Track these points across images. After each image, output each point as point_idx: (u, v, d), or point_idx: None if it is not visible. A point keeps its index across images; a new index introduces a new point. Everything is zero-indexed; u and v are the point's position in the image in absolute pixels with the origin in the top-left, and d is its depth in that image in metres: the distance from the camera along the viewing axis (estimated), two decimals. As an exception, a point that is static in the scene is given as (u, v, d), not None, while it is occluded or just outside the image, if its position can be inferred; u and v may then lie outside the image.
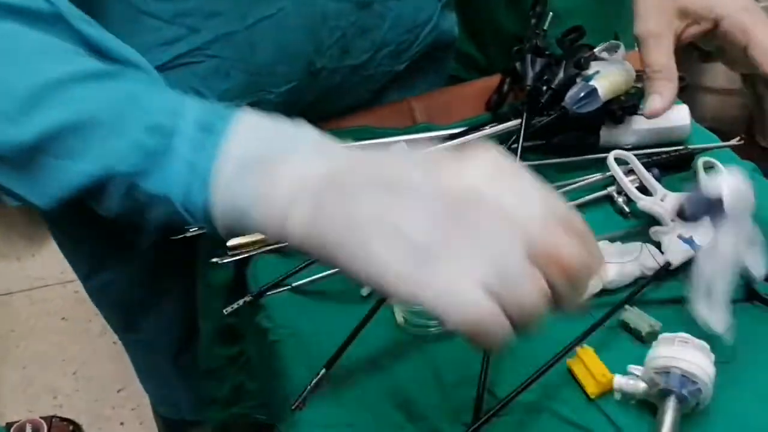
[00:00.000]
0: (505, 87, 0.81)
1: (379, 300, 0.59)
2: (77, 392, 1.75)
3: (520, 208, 0.36)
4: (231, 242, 0.65)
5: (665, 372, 0.50)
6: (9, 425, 1.62)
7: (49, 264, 2.08)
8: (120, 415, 1.70)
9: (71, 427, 1.67)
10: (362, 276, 0.37)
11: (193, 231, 0.66)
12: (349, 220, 0.36)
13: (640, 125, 0.75)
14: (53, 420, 1.65)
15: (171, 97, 0.42)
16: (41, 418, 1.64)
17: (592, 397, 0.55)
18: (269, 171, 0.38)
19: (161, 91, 0.43)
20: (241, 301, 0.61)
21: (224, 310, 0.61)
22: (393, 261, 0.35)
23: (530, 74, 0.73)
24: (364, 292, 0.64)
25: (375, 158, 0.39)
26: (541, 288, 0.36)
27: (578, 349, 0.57)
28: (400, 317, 0.62)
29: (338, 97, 0.79)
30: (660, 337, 0.54)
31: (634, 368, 0.53)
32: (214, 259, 0.65)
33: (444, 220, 0.35)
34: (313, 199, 0.37)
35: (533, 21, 0.79)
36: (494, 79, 0.84)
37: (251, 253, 0.65)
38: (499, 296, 0.35)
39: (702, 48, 0.71)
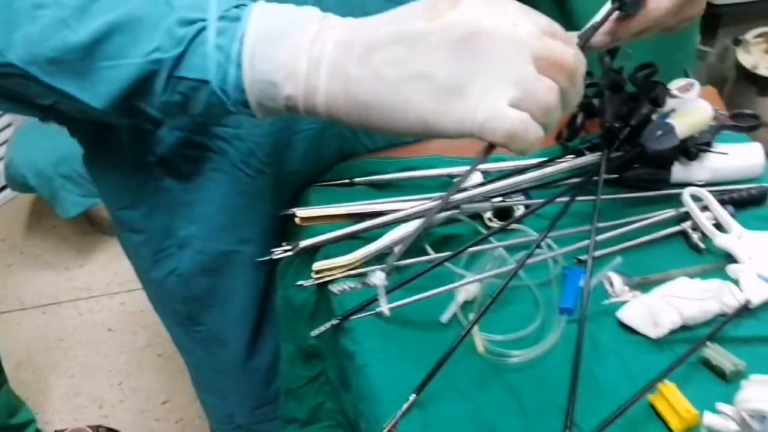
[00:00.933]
0: (578, 121, 0.82)
1: (464, 333, 0.60)
2: (122, 403, 1.78)
3: (517, 29, 0.42)
4: (316, 266, 0.67)
5: (761, 416, 0.50)
6: (57, 433, 1.65)
7: (96, 275, 2.12)
8: (164, 427, 1.73)
9: (116, 438, 1.70)
10: (401, 126, 0.44)
11: (279, 254, 0.68)
12: (375, 80, 0.43)
13: (713, 163, 0.76)
14: (99, 430, 1.69)
15: None
16: (88, 427, 1.68)
17: (676, 432, 0.56)
18: (287, 46, 0.44)
19: None
20: (328, 324, 0.63)
21: (311, 333, 0.63)
22: (430, 103, 0.42)
23: (609, 111, 0.74)
24: (444, 319, 0.66)
25: (374, 19, 0.44)
26: (552, 87, 0.43)
27: (660, 385, 0.58)
28: (480, 346, 0.63)
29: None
30: (752, 377, 0.54)
31: (723, 407, 0.54)
32: (300, 282, 0.67)
33: (459, 56, 0.42)
34: (332, 67, 0.44)
35: (607, 58, 0.80)
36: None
37: (335, 277, 0.67)
38: (525, 105, 0.42)
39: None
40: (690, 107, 0.73)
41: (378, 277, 0.51)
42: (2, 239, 2.27)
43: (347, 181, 0.79)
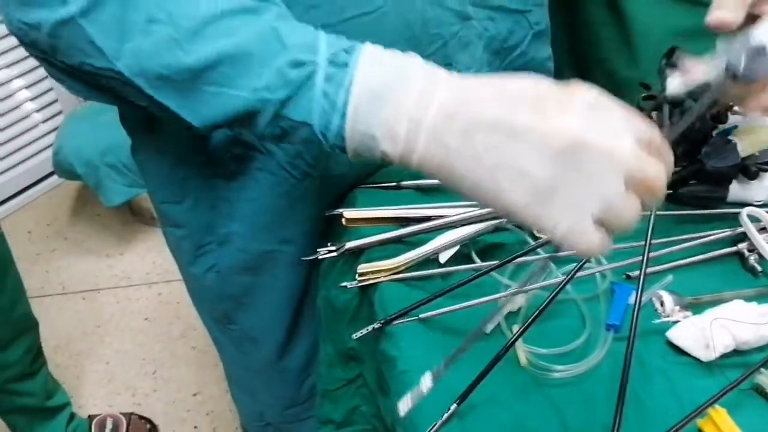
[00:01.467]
0: None
1: (508, 343, 0.59)
2: (155, 392, 1.80)
3: (615, 143, 0.42)
4: (360, 268, 0.66)
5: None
6: (91, 418, 1.68)
7: (136, 264, 2.15)
8: (194, 419, 1.74)
9: (148, 426, 1.72)
10: (490, 205, 0.45)
11: (324, 255, 0.68)
12: (473, 160, 0.43)
13: (773, 183, 0.74)
14: (132, 417, 1.71)
15: (306, 33, 0.47)
16: (121, 414, 1.70)
17: (726, 460, 0.54)
18: (391, 105, 0.44)
19: (297, 27, 0.48)
20: (370, 327, 0.62)
21: (353, 336, 0.63)
22: (520, 197, 0.43)
23: (666, 126, 0.72)
24: (488, 329, 0.65)
25: (479, 92, 0.44)
26: (637, 207, 0.43)
27: (710, 410, 0.56)
28: (524, 358, 0.62)
29: None
30: (810, 408, 0.52)
31: (777, 436, 0.51)
32: (344, 284, 0.67)
33: (557, 163, 0.42)
34: (432, 133, 0.44)
35: (667, 70, 0.78)
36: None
37: (379, 280, 0.67)
38: (607, 222, 0.43)
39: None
40: (753, 125, 0.71)
41: (425, 384, 0.53)
42: (47, 224, 2.32)
43: (394, 183, 0.78)
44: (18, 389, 1.45)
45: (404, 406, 0.52)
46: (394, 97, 0.44)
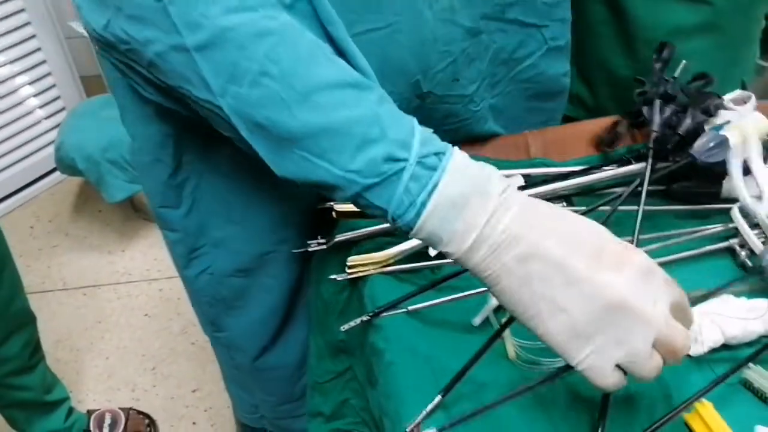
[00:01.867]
0: (620, 128, 0.80)
1: (495, 333, 0.59)
2: (154, 388, 1.80)
3: (654, 309, 0.46)
4: (350, 261, 0.66)
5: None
6: (90, 413, 1.68)
7: (137, 260, 2.16)
8: (193, 414, 1.74)
9: (147, 421, 1.72)
10: (528, 326, 0.48)
11: (315, 247, 0.68)
12: (523, 283, 0.47)
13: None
14: (130, 412, 1.71)
15: (403, 125, 0.49)
16: (120, 409, 1.70)
17: (712, 454, 0.54)
18: (464, 219, 0.47)
19: (397, 116, 0.50)
20: (359, 320, 0.62)
21: (341, 328, 0.63)
22: (555, 329, 0.47)
23: (657, 120, 0.72)
24: (476, 322, 0.65)
25: (545, 223, 0.48)
26: (659, 367, 0.48)
27: (697, 404, 0.56)
28: (512, 351, 0.62)
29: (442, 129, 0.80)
30: (796, 401, 0.52)
31: (762, 430, 0.51)
32: (333, 276, 0.67)
33: (598, 313, 0.46)
34: (493, 247, 0.47)
35: (658, 66, 0.78)
36: (608, 120, 0.84)
37: (368, 273, 0.67)
38: (629, 371, 0.47)
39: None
40: (745, 120, 0.70)
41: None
42: (49, 220, 2.33)
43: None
44: (16, 383, 1.45)
45: None
46: (470, 212, 0.47)
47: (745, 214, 0.69)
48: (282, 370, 0.94)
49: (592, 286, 0.46)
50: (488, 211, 0.47)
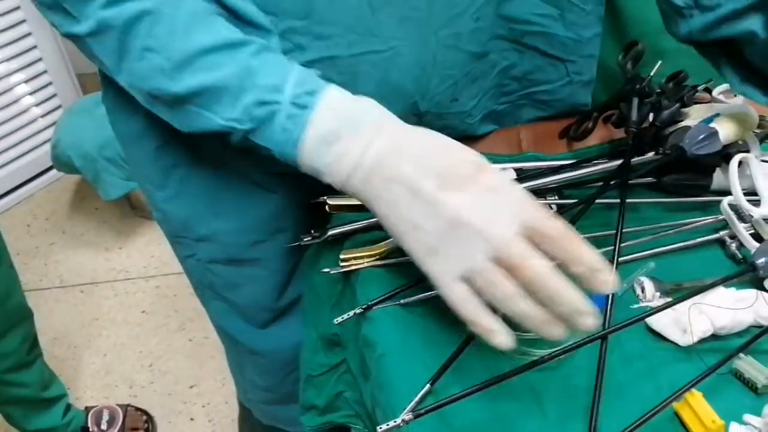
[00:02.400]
0: (591, 123, 0.80)
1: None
2: (152, 384, 1.81)
3: (492, 228, 0.49)
4: (343, 254, 0.67)
5: (789, 427, 0.49)
6: (87, 409, 1.69)
7: (134, 258, 2.16)
8: (191, 410, 1.75)
9: (144, 418, 1.73)
10: (401, 245, 0.53)
11: (308, 240, 0.69)
12: (392, 206, 0.52)
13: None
14: (128, 409, 1.72)
15: (278, 72, 0.55)
16: (117, 405, 1.71)
17: (701, 443, 0.54)
18: (338, 149, 0.53)
19: (271, 65, 0.56)
20: (351, 313, 0.63)
21: (334, 321, 0.63)
22: (417, 248, 0.52)
23: (635, 116, 0.72)
24: (469, 314, 0.65)
25: (407, 153, 0.52)
26: (512, 287, 0.49)
27: (686, 394, 0.56)
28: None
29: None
30: (783, 389, 0.52)
31: (751, 418, 0.52)
32: (326, 269, 0.67)
33: (443, 230, 0.50)
34: (364, 175, 0.53)
35: (629, 64, 0.78)
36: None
37: (361, 266, 0.67)
38: (479, 290, 0.50)
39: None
40: (735, 112, 0.71)
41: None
42: (46, 218, 2.33)
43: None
44: (14, 380, 1.46)
45: None
46: (341, 145, 0.53)
47: (735, 208, 0.70)
48: (271, 363, 0.95)
49: (436, 205, 0.50)
50: (360, 143, 0.53)
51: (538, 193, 0.74)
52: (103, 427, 1.67)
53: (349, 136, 0.53)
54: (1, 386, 1.46)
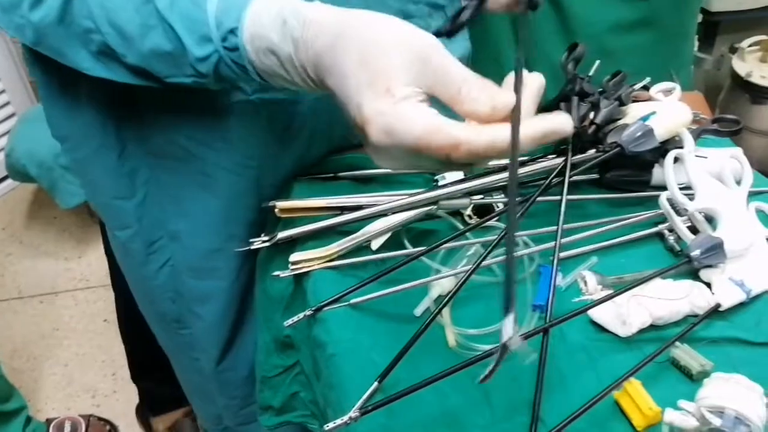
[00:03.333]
0: None
1: (431, 317, 0.61)
2: (115, 393, 1.79)
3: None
4: (293, 257, 0.68)
5: (719, 411, 0.51)
6: (49, 421, 1.66)
7: (94, 266, 2.14)
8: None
9: (108, 428, 1.71)
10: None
11: (258, 245, 0.69)
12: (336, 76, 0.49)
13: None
14: (91, 419, 1.70)
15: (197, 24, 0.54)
16: (80, 416, 1.69)
17: (639, 429, 0.56)
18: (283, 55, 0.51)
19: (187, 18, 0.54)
20: (301, 315, 0.64)
21: (285, 323, 0.64)
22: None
23: (575, 115, 0.74)
24: (417, 312, 0.67)
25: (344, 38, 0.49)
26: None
27: (625, 383, 0.58)
28: (452, 340, 0.64)
29: None
30: (714, 375, 0.55)
31: (684, 404, 0.54)
32: (276, 273, 0.68)
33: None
34: (311, 65, 0.50)
35: (570, 65, 0.80)
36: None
37: (312, 269, 0.68)
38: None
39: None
40: (669, 110, 0.73)
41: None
42: (2, 228, 2.29)
43: (331, 174, 0.80)
44: (-29, 394, 1.43)
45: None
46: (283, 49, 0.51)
47: (673, 202, 0.73)
48: (241, 371, 0.95)
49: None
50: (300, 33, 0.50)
51: (484, 192, 0.76)
52: (66, 438, 1.65)
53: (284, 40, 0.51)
54: (-42, 401, 1.44)
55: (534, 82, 0.51)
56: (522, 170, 0.75)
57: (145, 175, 0.78)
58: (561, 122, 0.48)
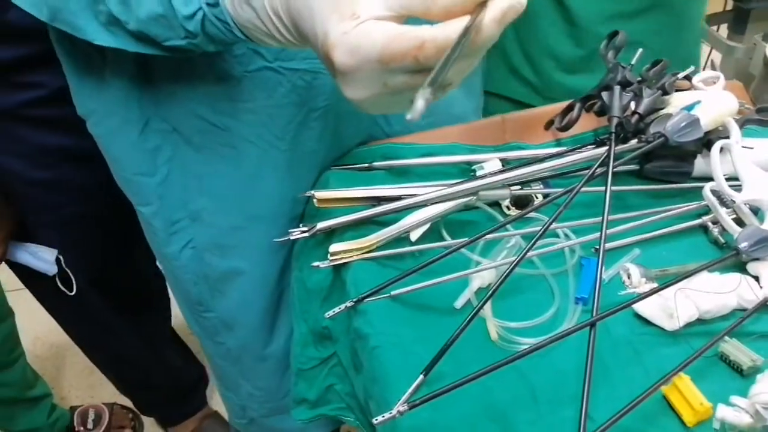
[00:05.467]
0: (574, 113, 0.81)
1: (474, 311, 0.60)
2: (137, 382, 1.79)
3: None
4: (332, 248, 0.67)
5: (775, 408, 0.50)
6: (72, 409, 1.67)
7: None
8: (177, 407, 1.73)
9: (131, 416, 1.72)
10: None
11: (297, 236, 0.69)
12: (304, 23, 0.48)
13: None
14: (114, 407, 1.70)
15: None
16: (103, 404, 1.69)
17: (689, 425, 0.55)
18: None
19: None
20: (342, 306, 0.63)
21: (326, 315, 0.63)
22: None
23: (617, 105, 0.73)
24: (458, 304, 0.66)
25: None
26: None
27: (674, 377, 0.57)
28: (494, 333, 0.63)
29: None
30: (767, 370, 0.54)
31: (737, 400, 0.53)
32: (315, 263, 0.67)
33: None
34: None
35: (610, 53, 0.79)
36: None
37: (351, 259, 0.67)
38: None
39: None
40: (715, 100, 0.72)
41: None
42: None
43: (366, 165, 0.79)
44: (-4, 380, 1.44)
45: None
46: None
47: (717, 194, 0.71)
48: (270, 362, 0.95)
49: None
50: None
51: (523, 183, 0.74)
52: (89, 426, 1.65)
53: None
54: (-16, 387, 1.45)
55: None
56: (562, 160, 0.74)
57: (168, 153, 0.78)
58: None
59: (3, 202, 1.10)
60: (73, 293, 1.24)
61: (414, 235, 0.70)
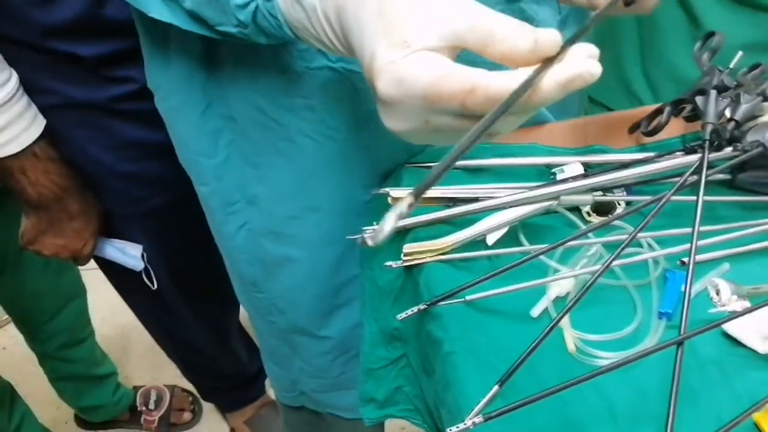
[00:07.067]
0: (663, 117, 0.77)
1: (553, 323, 0.57)
2: (198, 365, 1.83)
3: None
4: (406, 248, 0.66)
5: None
6: (136, 389, 1.72)
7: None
8: (235, 392, 1.76)
9: (191, 399, 1.76)
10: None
11: (369, 234, 0.68)
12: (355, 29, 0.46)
13: (839, 169, 0.70)
14: (175, 389, 1.75)
15: None
16: (165, 386, 1.74)
17: (782, 455, 0.52)
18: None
19: None
20: (416, 308, 0.62)
21: (398, 317, 0.62)
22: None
23: (713, 111, 0.69)
24: (535, 313, 0.64)
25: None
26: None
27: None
28: (571, 344, 0.61)
29: None
30: None
31: (839, 433, 0.49)
32: (389, 263, 0.66)
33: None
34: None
35: (705, 56, 0.74)
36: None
37: (425, 261, 0.66)
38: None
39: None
40: (820, 108, 0.67)
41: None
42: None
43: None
44: (67, 356, 1.49)
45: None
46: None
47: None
48: (324, 343, 0.95)
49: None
50: None
51: (605, 189, 0.71)
52: (151, 407, 1.70)
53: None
54: (56, 362, 1.50)
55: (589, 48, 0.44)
56: (650, 167, 0.70)
57: (228, 137, 0.79)
58: (589, 65, 0.42)
59: (92, 197, 1.13)
60: (155, 287, 1.27)
61: (491, 239, 0.68)
